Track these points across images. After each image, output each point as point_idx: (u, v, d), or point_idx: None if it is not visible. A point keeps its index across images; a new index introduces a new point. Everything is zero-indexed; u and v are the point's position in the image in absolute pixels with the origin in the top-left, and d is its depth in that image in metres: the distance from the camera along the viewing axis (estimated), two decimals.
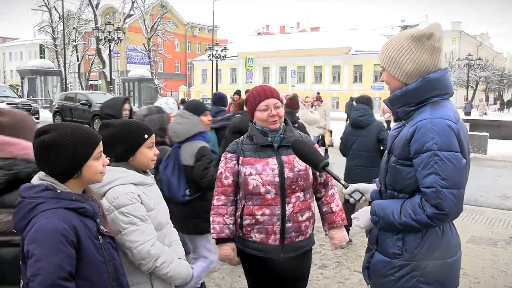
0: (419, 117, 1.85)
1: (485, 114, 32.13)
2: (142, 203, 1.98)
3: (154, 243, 1.96)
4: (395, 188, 1.95)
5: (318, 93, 17.60)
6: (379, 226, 1.95)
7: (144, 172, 2.12)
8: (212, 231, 2.50)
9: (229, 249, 2.48)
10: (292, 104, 6.10)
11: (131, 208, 1.92)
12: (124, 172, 1.99)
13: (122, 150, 2.03)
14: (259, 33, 71.04)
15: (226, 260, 2.53)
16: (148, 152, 2.08)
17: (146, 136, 2.06)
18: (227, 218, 2.48)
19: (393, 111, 2.00)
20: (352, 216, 2.09)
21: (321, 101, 11.75)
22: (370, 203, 2.08)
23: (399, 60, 1.91)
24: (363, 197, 2.15)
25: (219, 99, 5.71)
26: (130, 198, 1.93)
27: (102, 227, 1.73)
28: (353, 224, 2.12)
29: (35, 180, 1.68)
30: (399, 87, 1.94)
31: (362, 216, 2.02)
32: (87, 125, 1.81)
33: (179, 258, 2.11)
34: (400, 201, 1.89)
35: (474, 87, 50.04)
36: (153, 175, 2.17)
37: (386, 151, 2.04)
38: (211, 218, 2.52)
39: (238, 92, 10.94)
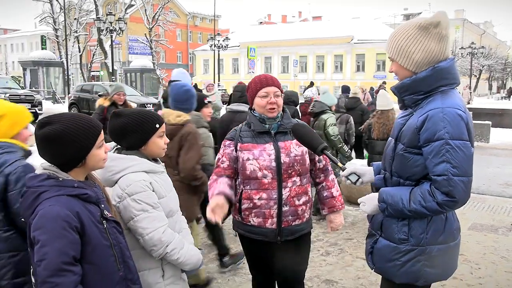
0: (430, 106, 1.88)
1: (468, 103, 30.27)
2: (153, 191, 2.03)
3: (165, 230, 2.02)
4: (401, 175, 1.99)
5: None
6: (387, 213, 1.99)
7: (154, 160, 2.16)
8: (210, 194, 2.43)
9: (219, 197, 2.34)
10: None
11: (143, 195, 1.98)
12: (136, 160, 2.04)
13: (135, 140, 2.07)
14: (260, 22, 70.59)
15: (214, 205, 2.28)
16: (160, 141, 2.12)
17: (157, 125, 2.10)
18: (224, 183, 2.45)
19: (400, 98, 2.03)
20: (359, 200, 2.13)
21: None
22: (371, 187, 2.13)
23: (407, 50, 1.92)
24: (360, 180, 2.20)
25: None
26: (142, 185, 1.99)
27: (106, 212, 1.78)
28: (359, 209, 2.17)
29: (38, 169, 1.73)
30: (409, 76, 1.96)
31: (369, 202, 2.06)
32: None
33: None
34: (408, 189, 1.93)
35: (477, 76, 49.78)
36: (163, 163, 2.22)
37: (392, 138, 2.07)
38: (209, 193, 2.47)
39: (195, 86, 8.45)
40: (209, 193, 2.47)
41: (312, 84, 17.70)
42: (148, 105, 18.20)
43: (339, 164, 2.20)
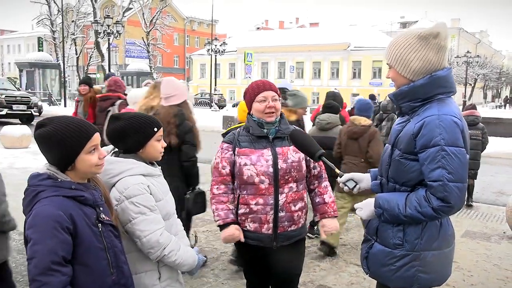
0: (426, 113, 1.91)
1: None
2: (151, 194, 2.04)
3: (163, 232, 2.03)
4: (397, 181, 2.02)
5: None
6: (383, 218, 2.01)
7: (151, 163, 2.17)
8: (217, 218, 2.53)
9: (232, 228, 2.50)
10: None
11: (141, 198, 1.99)
12: (134, 164, 2.05)
13: (133, 143, 2.08)
14: (258, 28, 70.87)
15: (231, 240, 2.53)
16: (157, 145, 2.14)
17: (155, 129, 2.12)
18: (229, 204, 2.54)
19: (397, 105, 2.06)
20: (355, 206, 2.15)
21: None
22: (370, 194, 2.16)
23: (406, 58, 1.96)
24: (357, 186, 2.23)
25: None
26: (140, 188, 2.00)
27: (102, 215, 1.79)
28: (353, 215, 2.20)
29: (42, 169, 1.76)
30: (406, 84, 2.00)
31: (365, 207, 2.09)
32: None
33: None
34: (404, 194, 1.96)
35: (473, 85, 50.14)
36: (160, 167, 2.24)
37: (389, 144, 2.10)
38: (213, 207, 2.56)
39: (86, 80, 7.10)
40: (220, 213, 2.51)
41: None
42: None
43: (337, 170, 2.22)
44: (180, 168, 3.74)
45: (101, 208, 1.81)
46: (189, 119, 3.50)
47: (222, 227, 2.54)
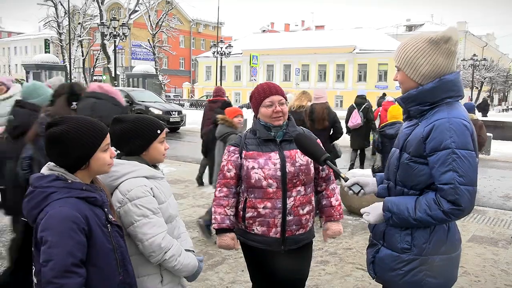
0: (436, 116, 1.90)
1: None
2: (154, 196, 2.02)
3: (165, 236, 2.01)
4: (406, 184, 2.00)
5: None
6: (391, 222, 1.98)
7: (154, 166, 2.16)
8: (213, 221, 2.57)
9: (228, 238, 2.54)
10: None
11: (144, 200, 1.97)
12: (137, 166, 2.04)
13: (136, 145, 2.07)
14: (263, 30, 70.89)
15: (225, 248, 2.59)
16: (160, 147, 2.12)
17: (158, 131, 2.10)
18: (228, 209, 2.54)
19: (405, 109, 2.04)
20: (362, 210, 2.12)
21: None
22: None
23: (415, 62, 1.95)
24: (362, 190, 2.20)
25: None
26: (144, 191, 1.98)
27: (110, 216, 1.79)
28: (359, 219, 2.17)
29: (44, 170, 1.74)
30: (414, 87, 1.98)
31: (373, 211, 2.05)
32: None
33: (187, 250, 2.16)
34: (413, 198, 1.94)
35: (479, 88, 49.87)
36: (162, 169, 2.22)
37: (396, 148, 2.08)
38: (212, 209, 2.58)
39: None
40: (217, 217, 2.54)
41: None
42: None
43: (342, 174, 2.20)
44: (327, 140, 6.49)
45: (106, 209, 1.81)
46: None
47: (217, 231, 2.56)
